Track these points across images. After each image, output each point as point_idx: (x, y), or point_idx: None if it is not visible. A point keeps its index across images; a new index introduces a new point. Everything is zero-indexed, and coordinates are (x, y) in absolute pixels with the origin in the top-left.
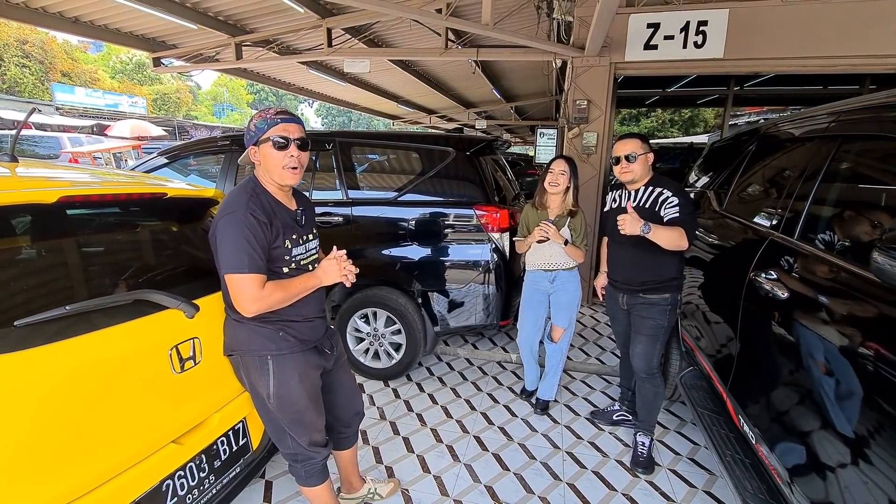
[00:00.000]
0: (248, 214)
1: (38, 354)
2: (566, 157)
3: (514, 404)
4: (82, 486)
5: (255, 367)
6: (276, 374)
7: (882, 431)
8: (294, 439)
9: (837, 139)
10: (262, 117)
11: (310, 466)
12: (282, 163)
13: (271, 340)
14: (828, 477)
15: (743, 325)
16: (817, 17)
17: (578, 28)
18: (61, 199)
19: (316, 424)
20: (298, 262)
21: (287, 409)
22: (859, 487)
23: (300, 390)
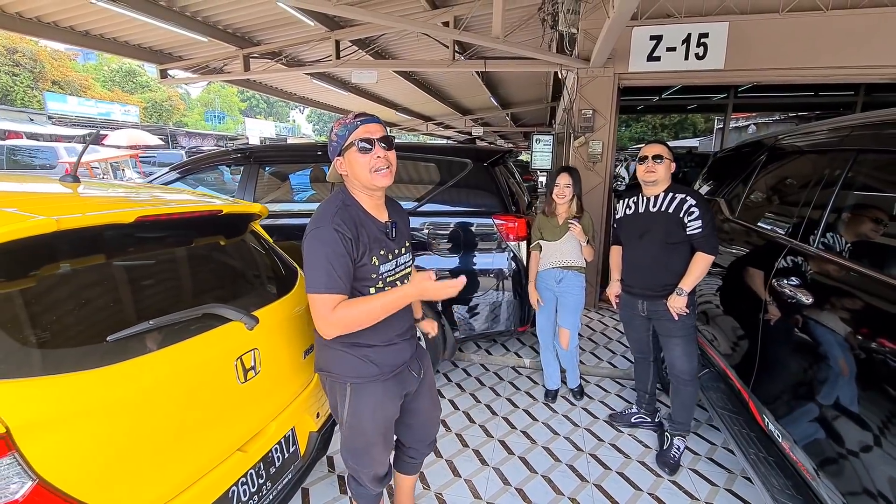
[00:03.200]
0: (332, 230)
1: (129, 367)
2: (569, 168)
3: (534, 408)
4: (168, 493)
5: (335, 390)
6: (352, 403)
7: None
8: (352, 466)
9: (852, 152)
10: (341, 124)
11: (357, 490)
12: (369, 165)
13: (353, 367)
14: (856, 468)
15: (765, 328)
16: (815, 29)
17: (583, 40)
18: (139, 218)
19: (380, 459)
20: (386, 280)
21: (356, 438)
22: (886, 474)
23: (372, 424)
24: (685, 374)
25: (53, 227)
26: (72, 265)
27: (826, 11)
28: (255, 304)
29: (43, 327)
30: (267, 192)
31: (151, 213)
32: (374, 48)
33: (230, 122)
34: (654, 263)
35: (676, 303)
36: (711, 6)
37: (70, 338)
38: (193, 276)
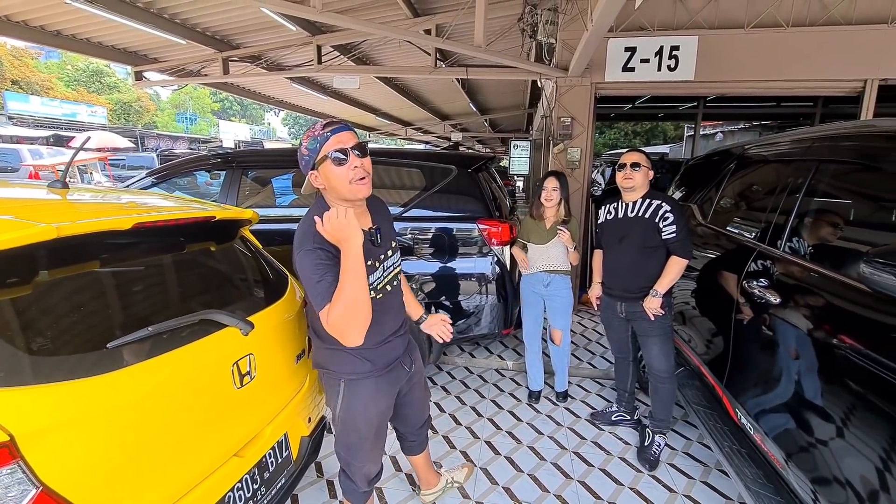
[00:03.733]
0: (315, 251)
1: (129, 374)
2: (557, 172)
3: (518, 409)
4: (167, 499)
5: (329, 385)
6: (345, 399)
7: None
8: (344, 459)
9: (814, 161)
10: (310, 136)
11: (347, 484)
12: (347, 177)
13: (347, 364)
14: (823, 457)
15: (736, 327)
16: (777, 45)
17: (561, 50)
18: (135, 225)
19: (372, 456)
20: (377, 288)
21: (349, 433)
22: (850, 461)
23: (364, 419)
24: (662, 372)
25: (54, 234)
26: (70, 272)
27: (786, 28)
28: (247, 309)
29: (44, 335)
30: (249, 197)
31: (148, 220)
32: (355, 54)
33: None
34: (632, 266)
35: (651, 304)
36: (682, 21)
37: (70, 345)
38: (187, 282)
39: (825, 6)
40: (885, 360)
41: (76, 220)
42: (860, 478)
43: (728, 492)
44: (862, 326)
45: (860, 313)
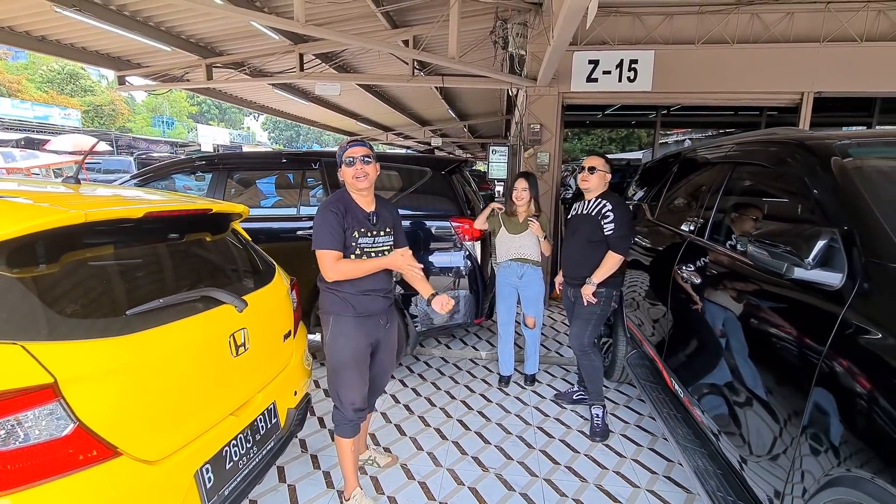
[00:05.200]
0: (328, 210)
1: (145, 336)
2: (527, 173)
3: (489, 392)
4: (175, 445)
5: (324, 324)
6: (332, 330)
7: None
8: (333, 390)
9: (731, 164)
10: (341, 148)
11: (337, 415)
12: (352, 174)
13: (337, 305)
14: (728, 408)
15: (671, 307)
16: (723, 60)
17: (530, 62)
18: (146, 214)
19: (351, 383)
20: (363, 250)
21: (334, 356)
22: (751, 413)
23: (346, 348)
24: (574, 347)
25: (83, 218)
26: (91, 252)
27: (732, 45)
28: (240, 291)
29: (76, 302)
30: (235, 198)
31: (156, 210)
32: (337, 62)
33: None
34: (579, 256)
35: (585, 290)
36: (640, 36)
37: (97, 311)
38: (187, 265)
39: (766, 25)
40: (770, 320)
41: (101, 208)
42: (753, 419)
43: (670, 455)
44: (755, 299)
45: (755, 287)
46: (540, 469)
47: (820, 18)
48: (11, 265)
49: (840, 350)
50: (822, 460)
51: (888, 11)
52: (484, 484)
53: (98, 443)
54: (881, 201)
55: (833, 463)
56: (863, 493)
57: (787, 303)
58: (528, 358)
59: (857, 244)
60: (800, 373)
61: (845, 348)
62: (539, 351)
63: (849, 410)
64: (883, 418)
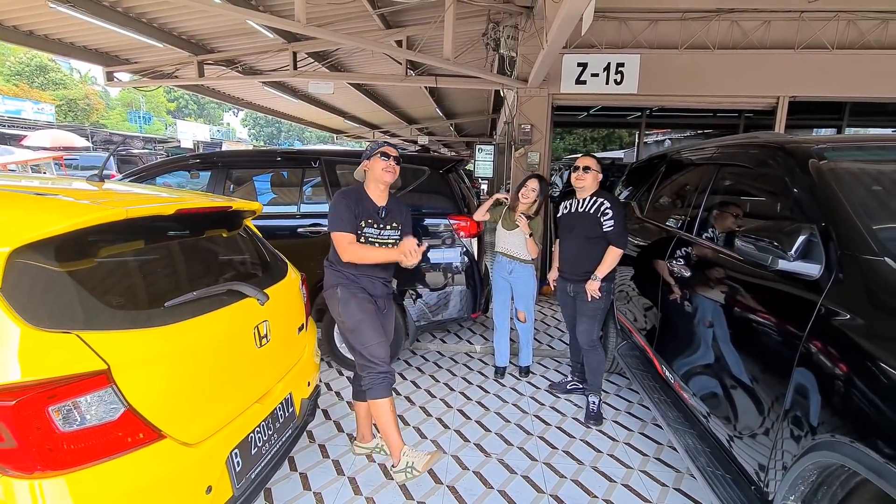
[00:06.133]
0: (343, 197)
1: (183, 327)
2: (540, 176)
3: (486, 383)
4: (210, 429)
5: (331, 296)
6: (342, 297)
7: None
8: (359, 352)
9: (717, 165)
10: (376, 143)
11: (373, 376)
12: (382, 167)
13: (343, 278)
14: (717, 390)
15: (663, 300)
16: (704, 65)
17: (521, 63)
18: (178, 210)
19: (373, 338)
20: (368, 239)
21: (349, 320)
22: (739, 393)
23: (357, 307)
24: (585, 343)
25: (123, 215)
26: (127, 247)
27: (713, 50)
28: (258, 285)
29: (119, 294)
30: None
31: (185, 207)
32: (330, 61)
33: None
34: (578, 254)
35: (591, 286)
36: (626, 40)
37: (139, 302)
38: (209, 260)
39: (745, 32)
40: (756, 308)
41: (140, 205)
42: (742, 398)
43: (660, 438)
44: (742, 289)
45: (741, 279)
46: (539, 454)
47: (795, 27)
48: (60, 259)
49: (819, 333)
50: (805, 430)
51: (857, 21)
52: (488, 468)
53: (145, 426)
54: (853, 200)
55: (815, 431)
56: (840, 455)
57: (771, 292)
58: (521, 350)
59: (832, 238)
60: (783, 354)
61: (823, 331)
62: (532, 344)
63: (827, 385)
64: (857, 390)
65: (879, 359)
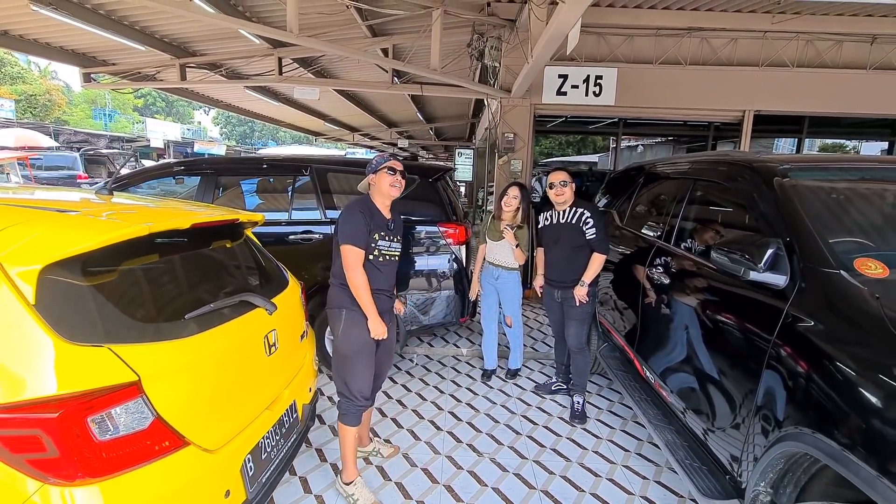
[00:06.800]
0: (358, 210)
1: (202, 338)
2: (520, 184)
3: (474, 386)
4: (227, 436)
5: (335, 316)
6: (345, 322)
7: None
8: (343, 380)
9: (692, 179)
10: (382, 157)
11: (349, 406)
12: (389, 182)
13: (349, 299)
14: (694, 388)
15: (643, 304)
16: (677, 79)
17: (504, 74)
18: (193, 225)
19: (361, 373)
20: (381, 251)
21: (345, 346)
22: (714, 391)
23: (355, 340)
24: (574, 346)
25: (147, 231)
26: (146, 261)
27: (685, 66)
28: (264, 295)
29: (144, 307)
30: (222, 202)
31: (200, 221)
32: (315, 67)
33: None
34: (565, 262)
35: (579, 292)
36: (604, 54)
37: (163, 315)
38: (218, 271)
39: (714, 49)
40: (730, 313)
41: (161, 221)
42: (717, 395)
43: (640, 435)
44: (716, 296)
45: (716, 286)
46: (529, 452)
47: (759, 45)
48: (86, 274)
49: (785, 336)
50: (773, 424)
51: (815, 42)
52: (481, 467)
53: (172, 433)
54: (813, 215)
55: (781, 425)
56: (803, 444)
57: (743, 299)
58: (512, 354)
59: (796, 252)
60: (754, 355)
61: (789, 335)
62: (521, 348)
63: (792, 383)
64: (817, 387)
65: (836, 359)
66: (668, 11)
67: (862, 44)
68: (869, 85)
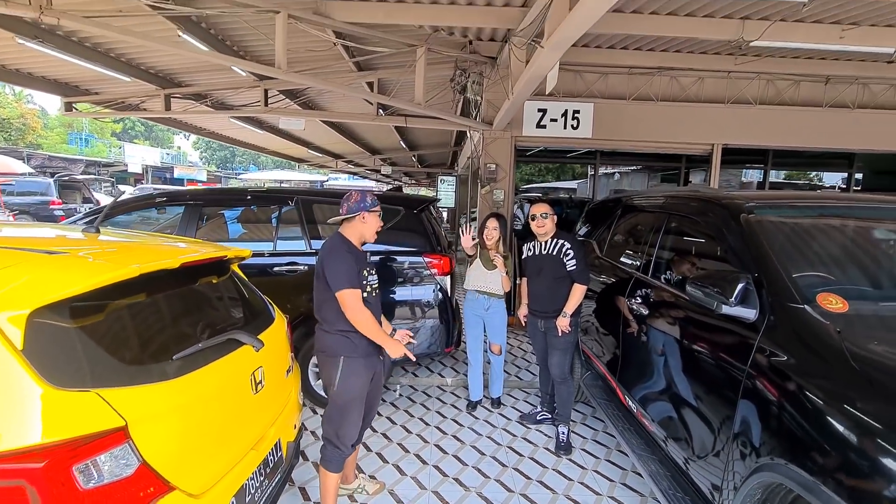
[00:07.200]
0: (344, 252)
1: (189, 379)
2: (498, 214)
3: (460, 417)
4: (213, 479)
5: (331, 364)
6: (343, 371)
7: (703, 386)
8: (334, 426)
9: (666, 213)
10: (373, 196)
11: (333, 451)
12: (376, 226)
13: (346, 346)
14: (674, 418)
15: (623, 334)
16: (649, 114)
17: (486, 108)
18: (183, 263)
19: (354, 420)
20: (370, 285)
21: (343, 396)
22: (694, 421)
23: (354, 388)
24: (557, 376)
25: (137, 272)
26: (133, 301)
27: (657, 102)
28: (251, 331)
29: (131, 349)
30: (206, 233)
31: (189, 260)
32: (302, 99)
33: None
34: (547, 292)
35: (561, 323)
36: (581, 90)
37: (150, 356)
38: (205, 308)
39: (683, 87)
40: (707, 345)
41: (150, 262)
42: (696, 426)
43: (624, 465)
44: (693, 327)
45: (693, 317)
46: (515, 485)
47: (724, 84)
48: (74, 317)
49: (758, 368)
50: (750, 454)
51: (775, 81)
52: (468, 502)
53: (157, 479)
54: (778, 250)
55: (758, 455)
56: (778, 475)
57: (719, 330)
58: (493, 382)
59: (764, 286)
60: (730, 386)
61: (761, 367)
62: (502, 376)
63: (766, 413)
64: (789, 417)
65: (805, 390)
66: (640, 52)
67: (817, 83)
68: (825, 121)
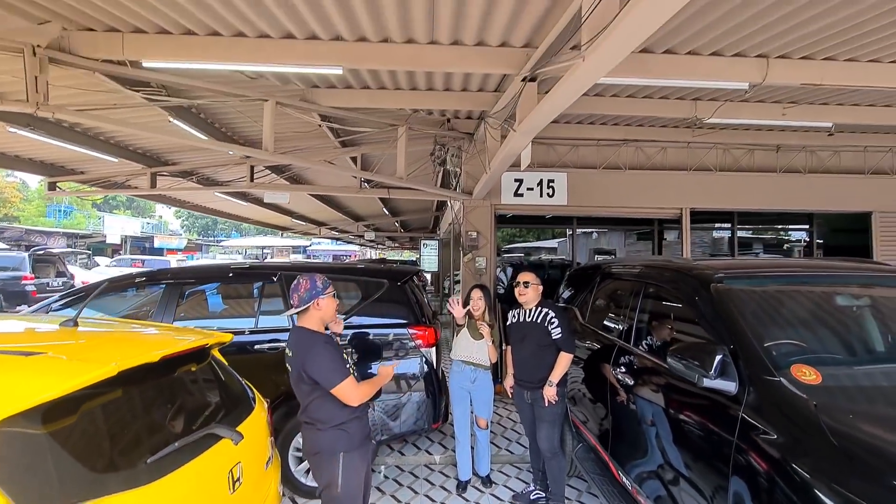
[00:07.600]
0: (327, 344)
1: (164, 483)
2: (482, 285)
3: (450, 500)
4: None
5: (330, 462)
6: (345, 468)
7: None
8: None
9: (642, 282)
10: (323, 279)
11: None
12: (334, 307)
13: (342, 440)
14: (669, 495)
15: (612, 405)
16: (619, 182)
17: (465, 179)
18: (163, 357)
19: None
20: (352, 365)
21: (347, 494)
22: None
23: (356, 485)
24: (547, 451)
25: (115, 371)
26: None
27: (625, 170)
28: (230, 421)
29: (104, 455)
30: (186, 311)
31: (169, 352)
32: (287, 173)
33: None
34: (532, 360)
35: (548, 392)
36: (554, 160)
37: (122, 462)
38: (182, 399)
39: (648, 156)
40: (695, 418)
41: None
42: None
43: None
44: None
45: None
46: None
47: (685, 153)
48: (45, 422)
49: (744, 440)
50: None
51: (731, 150)
52: None
53: None
54: (748, 320)
55: None
56: None
57: (705, 402)
58: (480, 459)
59: (741, 359)
60: (720, 460)
61: (747, 439)
62: (489, 451)
63: (757, 489)
64: (778, 490)
65: (791, 465)
66: (606, 126)
67: (769, 151)
68: (780, 185)
